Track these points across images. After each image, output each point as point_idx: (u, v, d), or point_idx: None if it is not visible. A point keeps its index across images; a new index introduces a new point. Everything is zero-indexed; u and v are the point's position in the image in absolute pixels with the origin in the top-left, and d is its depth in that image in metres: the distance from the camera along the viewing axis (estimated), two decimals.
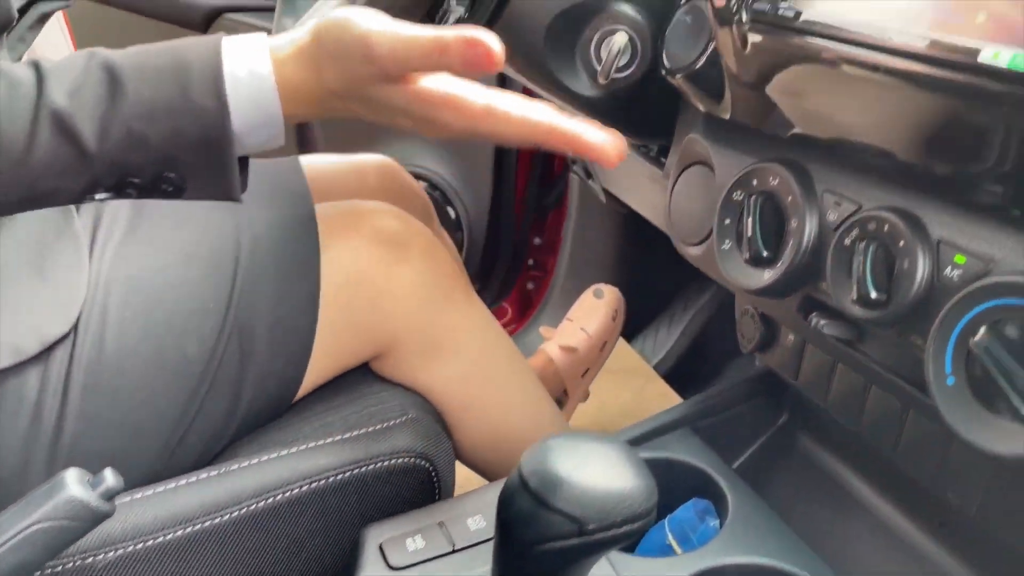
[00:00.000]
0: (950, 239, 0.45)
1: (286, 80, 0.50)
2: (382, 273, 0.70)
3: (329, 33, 0.49)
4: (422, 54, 0.47)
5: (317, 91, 0.50)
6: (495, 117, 0.49)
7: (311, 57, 0.49)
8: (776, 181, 0.56)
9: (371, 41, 0.47)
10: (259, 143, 0.51)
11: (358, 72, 0.48)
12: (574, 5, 0.75)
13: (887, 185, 0.50)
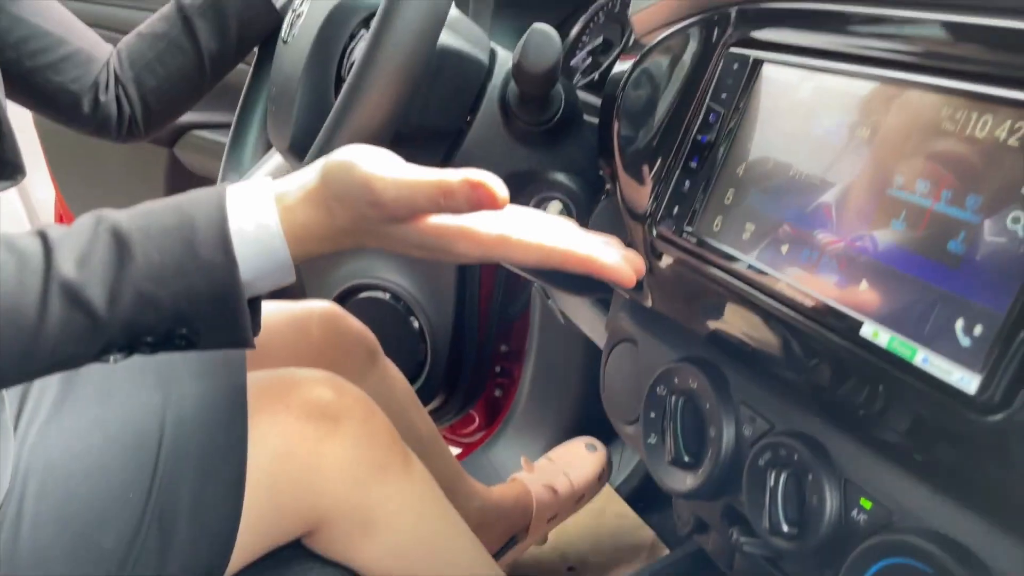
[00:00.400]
0: (857, 479, 0.45)
1: (295, 225, 0.50)
2: (311, 450, 0.69)
3: (335, 175, 0.49)
4: (427, 199, 0.47)
5: (328, 231, 0.50)
6: (509, 244, 0.50)
7: (320, 199, 0.49)
8: (696, 384, 0.56)
9: (374, 187, 0.48)
10: (270, 286, 0.52)
11: (366, 214, 0.49)
12: (507, 176, 0.75)
13: (798, 406, 0.50)
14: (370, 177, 0.47)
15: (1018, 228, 0.34)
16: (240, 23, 0.87)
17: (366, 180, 0.47)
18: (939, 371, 0.35)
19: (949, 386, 0.35)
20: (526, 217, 0.53)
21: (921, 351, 0.36)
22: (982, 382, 0.33)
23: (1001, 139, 0.35)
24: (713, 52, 0.52)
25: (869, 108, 0.42)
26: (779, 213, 0.46)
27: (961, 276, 0.35)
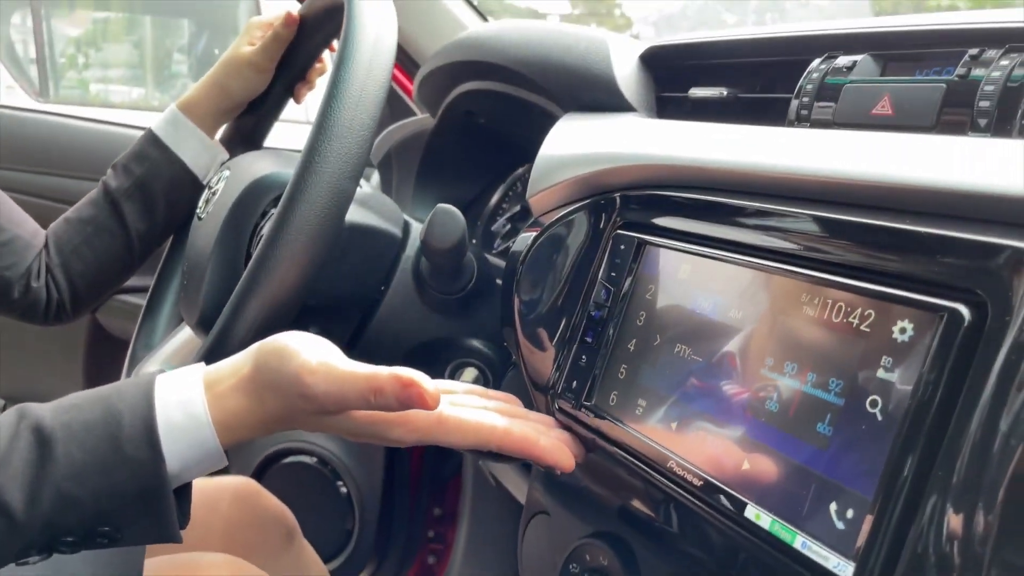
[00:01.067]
0: None
1: (226, 413, 0.49)
2: None
3: (267, 364, 0.49)
4: (357, 396, 0.47)
5: (259, 419, 0.49)
6: (446, 428, 0.49)
7: (251, 389, 0.49)
8: (606, 562, 0.54)
9: (305, 381, 0.47)
10: (198, 474, 0.50)
11: (298, 407, 0.48)
12: (422, 344, 0.76)
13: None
14: (301, 371, 0.47)
15: (876, 412, 0.35)
16: (168, 202, 0.88)
17: (297, 373, 0.47)
18: (817, 556, 0.35)
19: (826, 570, 0.34)
20: (462, 397, 0.53)
21: (800, 535, 0.36)
22: (855, 570, 0.33)
23: (855, 325, 0.37)
24: (602, 233, 0.55)
25: (741, 291, 0.44)
26: (667, 389, 0.47)
27: (831, 458, 0.36)
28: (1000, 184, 0.34)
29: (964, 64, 0.43)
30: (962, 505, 0.31)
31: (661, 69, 0.66)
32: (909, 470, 0.33)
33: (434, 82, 0.95)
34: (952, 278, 0.34)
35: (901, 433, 0.33)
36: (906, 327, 0.35)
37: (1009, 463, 0.29)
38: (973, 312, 0.32)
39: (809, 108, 0.50)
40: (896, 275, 0.36)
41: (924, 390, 0.33)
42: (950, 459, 0.32)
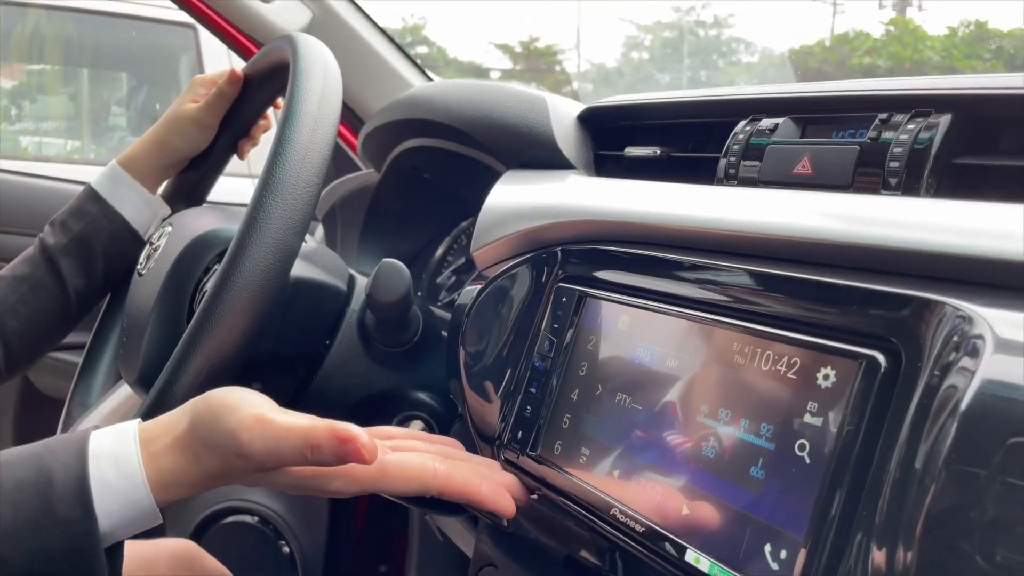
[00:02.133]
0: None
1: (162, 472, 0.48)
2: None
3: (203, 422, 0.48)
4: (293, 452, 0.46)
5: (195, 477, 0.48)
6: (387, 477, 0.49)
7: (187, 446, 0.48)
8: None
9: (241, 439, 0.47)
10: (132, 533, 0.49)
11: (235, 465, 0.47)
12: (368, 397, 0.76)
13: None
14: (237, 428, 0.47)
15: (805, 455, 0.37)
16: (107, 258, 0.87)
17: (233, 431, 0.47)
18: None
19: None
20: (404, 442, 0.53)
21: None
22: None
23: (783, 372, 0.39)
24: (545, 287, 0.56)
25: (677, 341, 0.46)
26: (609, 438, 0.48)
27: (764, 501, 0.38)
28: (908, 239, 0.37)
29: (875, 127, 0.46)
30: (885, 542, 0.32)
31: (598, 128, 0.69)
32: (836, 510, 0.35)
33: (378, 138, 0.97)
34: (869, 327, 0.36)
35: (827, 475, 0.35)
36: (829, 374, 0.37)
37: (924, 501, 0.31)
38: (888, 359, 0.35)
39: (736, 167, 0.53)
40: (819, 325, 0.39)
41: (847, 433, 0.35)
42: (873, 499, 0.34)
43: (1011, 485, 0.28)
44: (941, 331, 0.33)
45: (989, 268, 0.34)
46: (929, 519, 0.30)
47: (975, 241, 0.35)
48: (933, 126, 0.44)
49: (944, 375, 0.32)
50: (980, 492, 0.29)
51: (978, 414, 0.30)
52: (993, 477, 0.29)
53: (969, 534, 0.29)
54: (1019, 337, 0.30)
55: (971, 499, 0.29)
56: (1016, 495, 0.28)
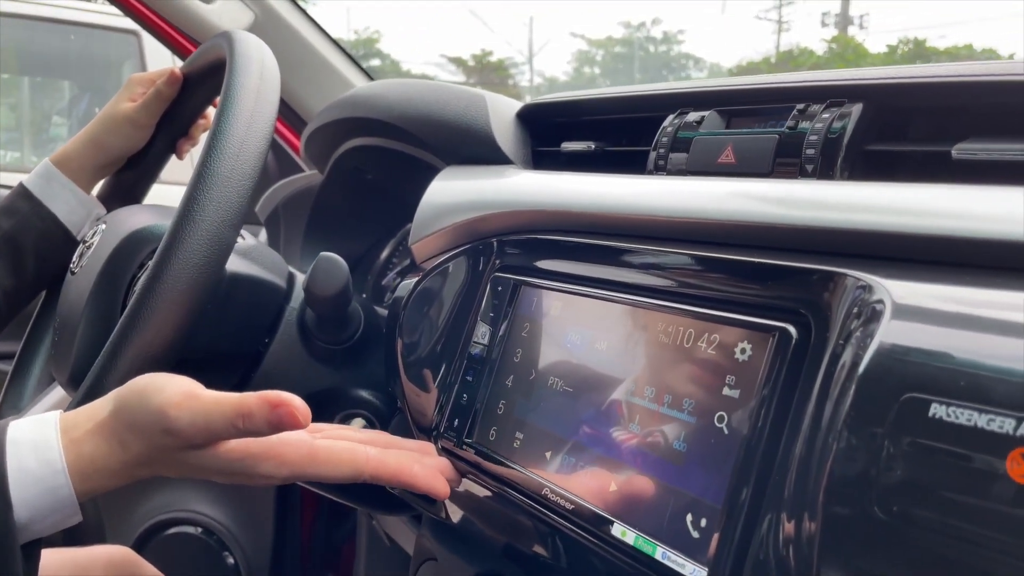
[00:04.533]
0: None
1: (82, 459, 0.46)
2: None
3: (127, 405, 0.47)
4: (224, 423, 0.45)
5: (119, 465, 0.47)
6: (317, 461, 0.47)
7: (111, 431, 0.47)
8: None
9: (169, 414, 0.45)
10: (51, 528, 0.47)
11: (161, 443, 0.46)
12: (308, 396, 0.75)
13: None
14: (164, 405, 0.46)
15: (723, 427, 0.38)
16: (37, 257, 0.85)
17: (160, 408, 0.46)
18: (675, 565, 0.37)
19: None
20: (332, 430, 0.52)
21: (660, 547, 0.38)
22: (708, 574, 0.36)
23: (703, 348, 0.40)
24: (482, 276, 0.57)
25: (606, 324, 0.47)
26: (541, 421, 0.49)
27: (686, 473, 0.39)
28: (817, 217, 0.38)
29: (793, 117, 0.48)
30: (795, 510, 0.34)
31: (536, 125, 0.70)
32: (751, 479, 0.36)
33: (321, 138, 0.96)
34: (782, 302, 0.38)
35: (743, 444, 0.36)
36: (745, 347, 0.38)
37: (827, 462, 0.32)
38: (799, 331, 0.36)
39: (665, 158, 0.54)
40: (738, 303, 0.40)
41: (761, 403, 0.36)
42: (785, 467, 0.35)
43: (906, 441, 0.30)
44: (845, 301, 0.34)
45: (889, 241, 0.35)
46: (832, 480, 0.32)
47: (877, 217, 0.36)
48: (846, 115, 0.46)
49: (847, 342, 0.33)
50: (877, 449, 0.30)
51: (876, 374, 0.31)
52: (890, 434, 0.30)
53: (869, 490, 0.30)
54: (915, 303, 0.32)
55: (870, 456, 0.31)
56: (910, 450, 0.30)
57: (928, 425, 0.28)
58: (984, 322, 0.29)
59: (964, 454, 0.27)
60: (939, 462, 0.28)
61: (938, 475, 0.28)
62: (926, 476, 0.29)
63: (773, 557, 0.34)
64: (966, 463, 0.27)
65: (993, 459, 0.26)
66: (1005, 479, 0.26)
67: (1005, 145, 0.38)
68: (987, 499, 0.27)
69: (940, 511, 0.28)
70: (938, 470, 0.28)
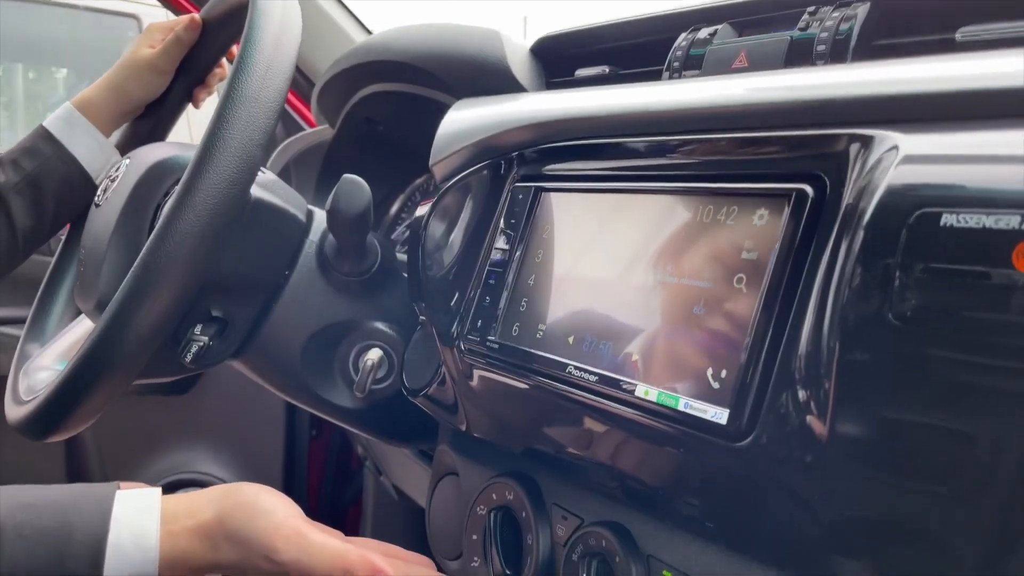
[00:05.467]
0: (657, 553, 0.47)
1: (175, 552, 0.49)
2: None
3: (232, 517, 0.49)
4: (324, 570, 0.48)
5: (206, 564, 0.50)
6: None
7: (209, 535, 0.49)
8: (511, 496, 0.57)
9: (276, 545, 0.48)
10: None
11: (257, 564, 0.49)
12: (327, 326, 0.78)
13: (604, 499, 0.52)
14: (272, 532, 0.49)
15: (742, 287, 0.40)
16: (57, 201, 0.87)
17: (269, 534, 0.49)
18: (697, 411, 0.40)
19: (706, 421, 0.39)
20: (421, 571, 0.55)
21: (683, 399, 0.41)
22: (730, 414, 0.38)
23: (723, 221, 0.43)
24: (502, 188, 0.59)
25: (624, 215, 0.49)
26: (564, 310, 0.51)
27: (705, 333, 0.41)
28: (830, 92, 0.41)
29: (803, 21, 0.50)
30: (811, 355, 0.36)
31: (550, 57, 0.72)
32: (770, 328, 0.38)
33: (335, 89, 0.98)
34: (798, 167, 0.40)
35: (762, 298, 0.39)
36: (763, 214, 0.41)
37: (842, 297, 0.34)
38: (815, 190, 0.38)
39: (679, 73, 0.57)
40: (753, 175, 0.42)
41: (778, 258, 0.39)
42: (800, 316, 0.37)
43: (920, 254, 0.32)
44: (860, 155, 0.37)
45: (899, 104, 0.38)
46: (850, 310, 0.34)
47: (885, 85, 0.39)
48: (852, 16, 0.48)
49: (863, 188, 0.36)
50: (893, 271, 0.33)
51: (890, 201, 0.34)
52: (905, 251, 0.32)
53: (885, 312, 0.33)
54: (926, 145, 0.34)
55: (886, 280, 0.33)
56: (924, 263, 0.32)
57: (940, 235, 0.31)
58: (989, 150, 0.32)
59: (974, 254, 0.30)
60: (951, 270, 0.31)
61: (950, 281, 0.31)
62: (940, 285, 0.31)
63: (790, 398, 0.37)
64: (976, 263, 0.30)
65: (1000, 255, 0.29)
66: (1012, 272, 0.29)
67: (1006, 24, 0.41)
68: (996, 295, 0.29)
69: (954, 317, 0.30)
70: (950, 277, 0.31)
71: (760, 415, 0.37)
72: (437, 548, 0.69)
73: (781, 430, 0.37)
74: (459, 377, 0.60)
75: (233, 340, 0.77)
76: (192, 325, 0.73)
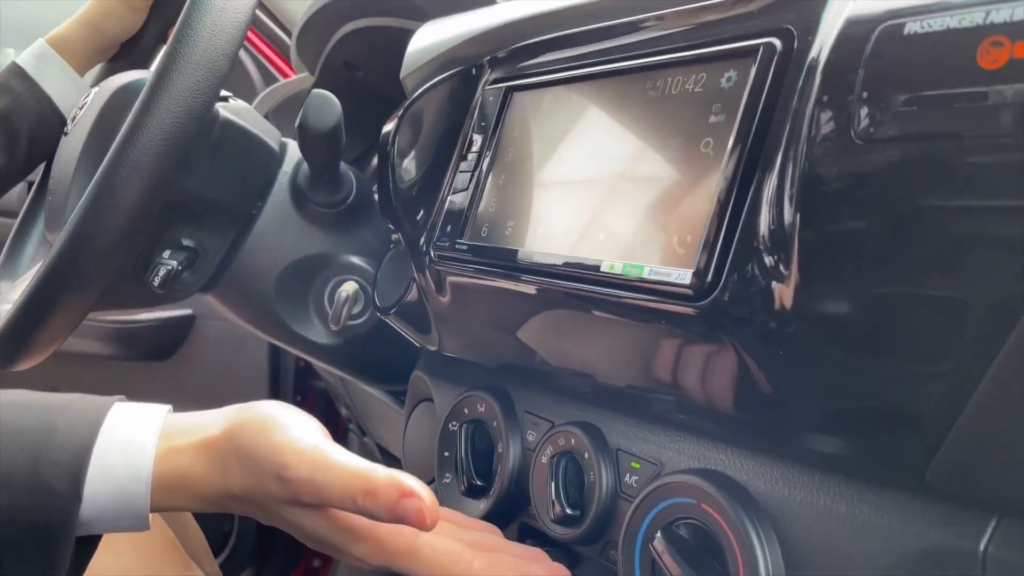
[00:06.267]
0: (625, 446, 0.46)
1: (174, 472, 0.42)
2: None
3: (245, 431, 0.42)
4: (343, 493, 0.40)
5: (213, 491, 0.42)
6: (418, 556, 0.42)
7: (217, 454, 0.42)
8: (483, 408, 0.56)
9: (288, 461, 0.40)
10: (111, 529, 0.42)
11: (268, 488, 0.41)
12: (301, 259, 0.76)
13: (574, 401, 0.51)
14: (287, 447, 0.41)
15: (709, 151, 0.39)
16: (30, 138, 0.85)
17: (281, 448, 0.41)
18: (661, 275, 0.38)
19: (669, 283, 0.38)
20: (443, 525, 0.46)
21: (647, 267, 0.39)
22: (693, 273, 0.37)
23: (690, 90, 0.41)
24: (473, 93, 0.58)
25: (593, 103, 0.48)
26: (533, 206, 0.50)
27: (671, 202, 0.40)
28: None
29: None
30: (775, 211, 0.35)
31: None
32: (734, 188, 0.37)
33: (314, 30, 0.97)
34: (765, 23, 0.39)
35: (728, 158, 0.37)
36: (731, 76, 0.39)
37: (804, 154, 0.33)
38: (784, 41, 0.37)
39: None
40: (718, 40, 0.41)
41: (745, 116, 0.37)
42: (768, 169, 0.36)
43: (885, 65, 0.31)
44: (829, 7, 0.36)
45: None
46: (811, 182, 0.33)
47: None
48: None
49: (834, 38, 0.34)
50: (858, 87, 0.31)
51: (852, 26, 0.32)
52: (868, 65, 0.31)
53: (848, 142, 0.32)
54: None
55: (851, 105, 0.32)
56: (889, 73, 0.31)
57: (905, 45, 0.30)
58: None
59: (940, 58, 0.28)
60: (917, 80, 0.29)
61: (917, 94, 0.29)
62: (906, 100, 0.30)
63: (754, 256, 0.35)
64: (942, 67, 0.28)
65: (965, 54, 0.28)
66: (977, 70, 0.27)
67: None
68: (964, 101, 0.28)
69: (923, 131, 0.29)
70: (917, 88, 0.29)
71: (724, 272, 0.36)
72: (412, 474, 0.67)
73: (745, 288, 0.35)
74: (429, 288, 0.58)
75: (205, 271, 0.75)
76: (162, 251, 0.71)
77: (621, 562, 0.42)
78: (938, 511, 0.32)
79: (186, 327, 1.45)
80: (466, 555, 0.43)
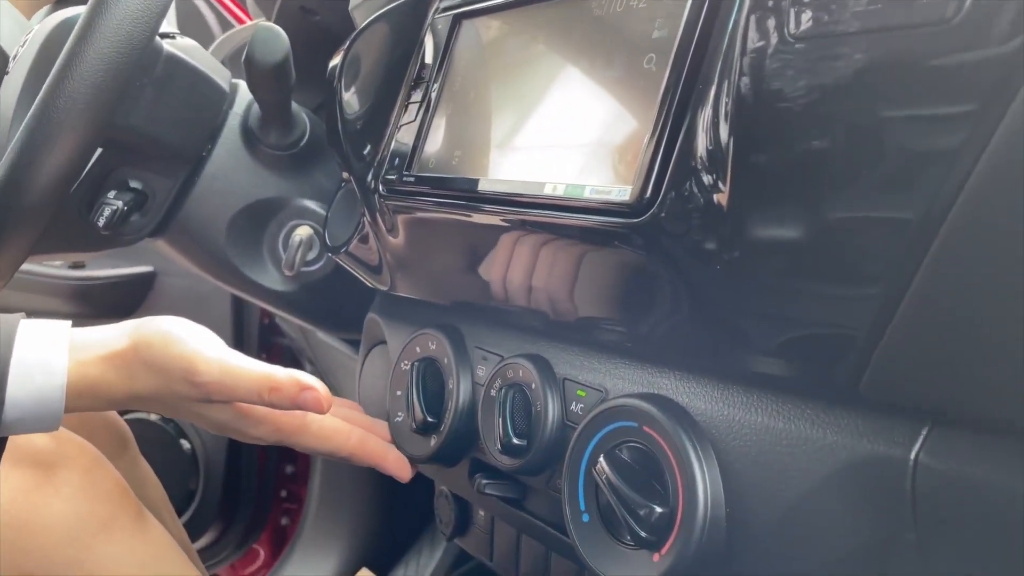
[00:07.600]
0: (572, 375, 0.46)
1: (84, 381, 0.48)
2: (20, 503, 0.59)
3: (149, 344, 0.48)
4: (250, 391, 0.48)
5: (120, 394, 0.49)
6: (307, 433, 0.52)
7: (124, 363, 0.48)
8: (434, 346, 0.55)
9: (196, 367, 0.47)
10: (27, 429, 0.48)
11: (176, 389, 0.48)
12: (253, 203, 0.75)
13: (523, 334, 0.50)
14: (194, 356, 0.47)
15: (652, 66, 0.38)
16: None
17: (189, 358, 0.47)
18: (602, 194, 0.38)
19: (609, 201, 0.37)
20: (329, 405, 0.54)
21: (589, 186, 0.39)
22: (632, 189, 0.36)
23: (634, 6, 0.40)
24: (422, 21, 0.56)
25: (541, 26, 0.46)
26: (479, 134, 0.49)
27: (616, 122, 0.39)
28: None
29: None
30: (712, 128, 0.34)
31: None
32: (674, 100, 0.36)
33: None
34: None
35: (671, 70, 0.37)
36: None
37: (737, 75, 0.32)
38: None
39: None
40: None
41: (687, 28, 0.36)
42: (706, 87, 0.35)
43: None
44: None
45: None
46: (742, 94, 0.32)
47: None
48: None
49: None
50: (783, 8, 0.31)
51: None
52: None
53: (783, 41, 0.31)
54: None
55: (781, 14, 0.31)
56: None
57: None
58: None
59: None
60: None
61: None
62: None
63: (692, 172, 0.35)
64: None
65: None
66: None
67: None
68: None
69: (848, 14, 0.29)
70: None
71: (662, 189, 0.35)
72: None
73: (683, 205, 0.35)
74: (379, 225, 0.57)
75: (154, 215, 0.73)
76: (107, 191, 0.70)
77: (565, 488, 0.42)
78: (871, 422, 0.32)
79: (147, 284, 1.43)
80: (345, 429, 0.54)
